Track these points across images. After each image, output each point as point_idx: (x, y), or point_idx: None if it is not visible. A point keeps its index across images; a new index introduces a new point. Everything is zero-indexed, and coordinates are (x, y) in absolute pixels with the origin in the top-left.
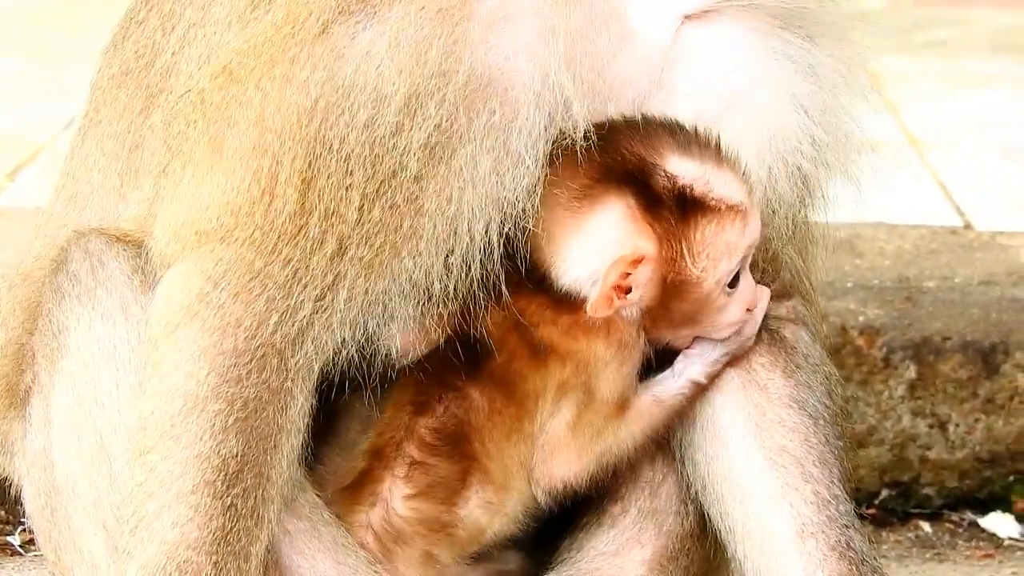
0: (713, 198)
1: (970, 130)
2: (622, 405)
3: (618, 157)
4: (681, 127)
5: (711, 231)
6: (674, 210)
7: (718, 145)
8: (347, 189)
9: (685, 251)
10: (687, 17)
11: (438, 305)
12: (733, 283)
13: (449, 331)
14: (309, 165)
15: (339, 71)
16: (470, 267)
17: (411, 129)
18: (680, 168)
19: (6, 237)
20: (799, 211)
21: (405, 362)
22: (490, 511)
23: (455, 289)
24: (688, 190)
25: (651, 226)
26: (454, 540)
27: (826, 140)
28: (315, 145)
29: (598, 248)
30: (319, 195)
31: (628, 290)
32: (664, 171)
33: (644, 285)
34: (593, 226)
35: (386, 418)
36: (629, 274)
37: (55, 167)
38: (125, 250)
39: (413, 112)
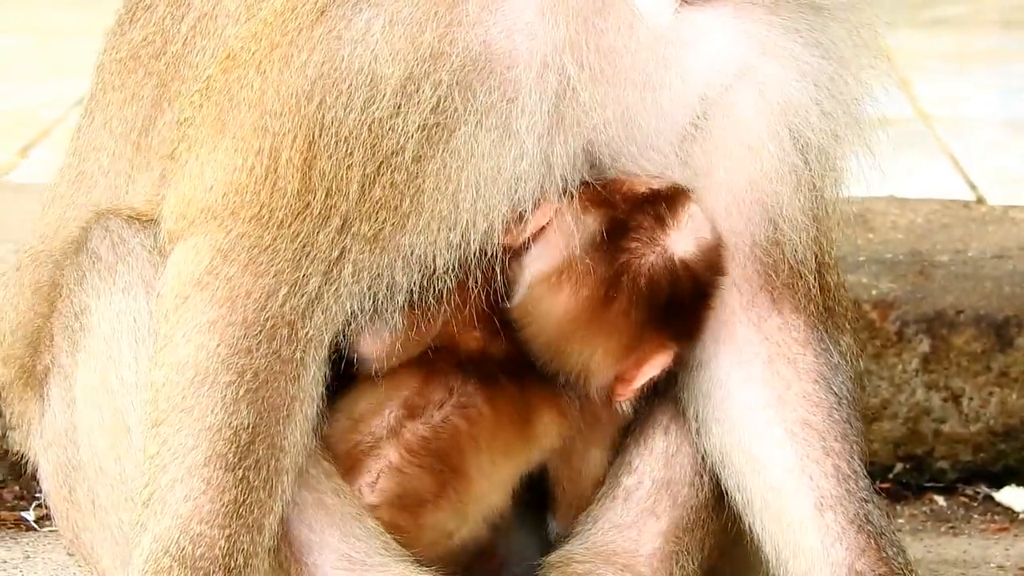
0: (716, 244)
1: (981, 105)
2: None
3: (656, 288)
4: (643, 195)
5: (718, 291)
6: (699, 300)
7: (661, 189)
8: (348, 169)
9: (702, 326)
10: (685, 2)
11: (410, 314)
12: None
13: (427, 345)
14: (309, 146)
15: (336, 53)
16: (469, 244)
17: (408, 111)
18: (682, 244)
19: (19, 213)
20: (814, 184)
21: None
22: (459, 519)
23: (455, 266)
24: (701, 259)
25: (679, 330)
26: (412, 543)
27: (835, 111)
28: (314, 126)
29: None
30: (321, 175)
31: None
32: (679, 263)
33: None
34: (638, 352)
35: (365, 409)
36: None
37: (66, 144)
38: (144, 227)
39: (409, 94)
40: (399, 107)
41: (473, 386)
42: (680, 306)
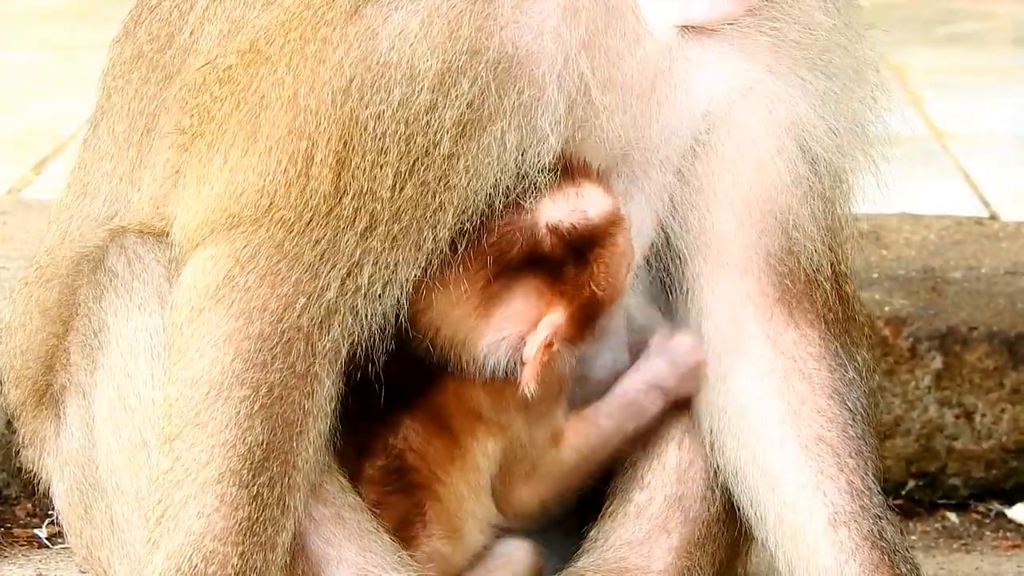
0: (595, 223)
1: (995, 121)
2: (556, 438)
3: (505, 244)
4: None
5: (609, 257)
6: (573, 261)
7: (568, 162)
8: (381, 168)
9: (594, 287)
10: (689, 27)
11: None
12: None
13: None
14: (344, 145)
15: (373, 50)
16: (474, 228)
17: (444, 106)
18: (554, 212)
19: (32, 231)
20: (824, 195)
21: None
22: (450, 542)
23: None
24: (574, 230)
25: (559, 293)
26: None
27: (841, 127)
28: (350, 125)
29: (514, 334)
30: (353, 174)
31: (550, 346)
32: (544, 227)
33: (563, 336)
34: (505, 319)
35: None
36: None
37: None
38: (159, 243)
39: (447, 89)
40: (435, 103)
41: (399, 410)
42: (549, 267)
